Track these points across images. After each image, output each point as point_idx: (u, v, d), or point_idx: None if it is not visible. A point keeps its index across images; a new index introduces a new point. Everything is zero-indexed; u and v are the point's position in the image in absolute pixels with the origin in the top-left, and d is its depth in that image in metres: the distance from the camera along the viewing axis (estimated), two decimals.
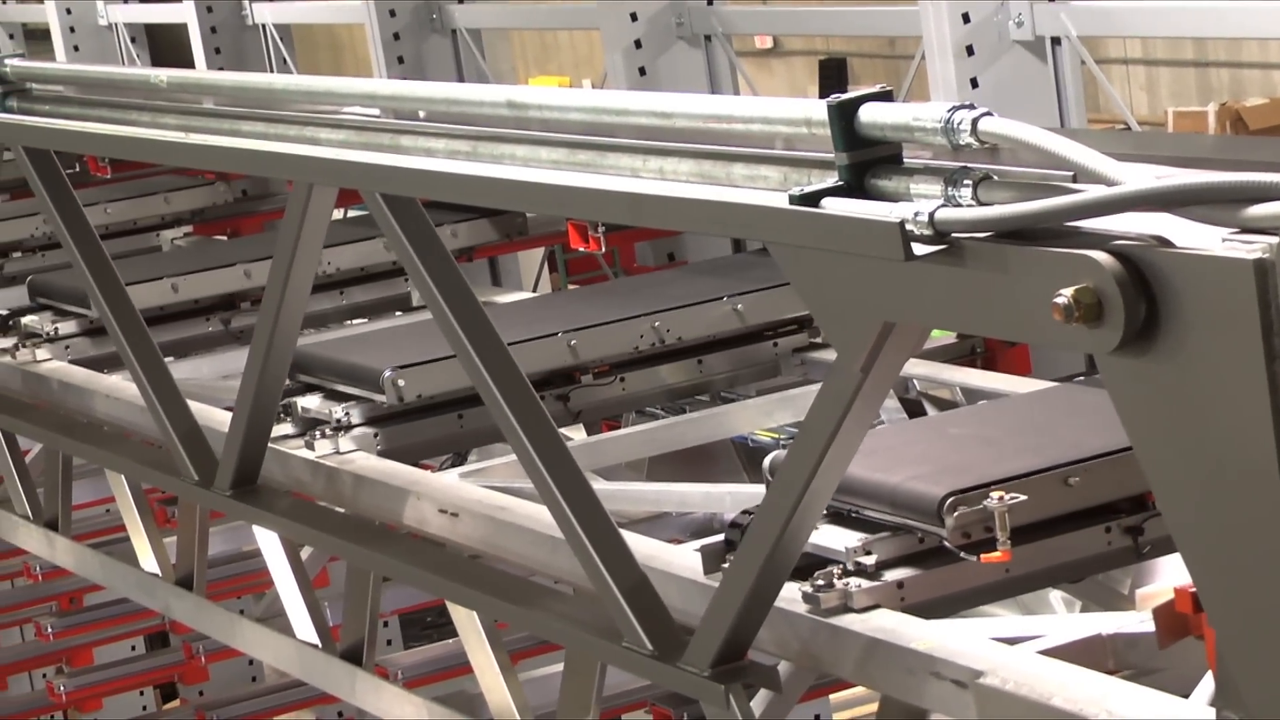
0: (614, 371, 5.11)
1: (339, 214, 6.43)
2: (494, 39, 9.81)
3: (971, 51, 6.57)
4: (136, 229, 7.67)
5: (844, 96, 3.03)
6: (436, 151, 4.05)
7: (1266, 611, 2.54)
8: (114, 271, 5.21)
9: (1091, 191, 2.69)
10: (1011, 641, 3.36)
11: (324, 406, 4.91)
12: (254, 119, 4.71)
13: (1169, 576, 3.54)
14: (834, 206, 2.99)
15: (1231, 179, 2.54)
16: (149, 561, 5.68)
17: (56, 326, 6.08)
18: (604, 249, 6.57)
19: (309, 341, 5.40)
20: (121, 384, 5.71)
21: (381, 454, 4.84)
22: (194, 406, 5.12)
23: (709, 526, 4.39)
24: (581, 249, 6.73)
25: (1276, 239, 2.47)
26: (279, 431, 4.92)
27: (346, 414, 4.86)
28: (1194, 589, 2.95)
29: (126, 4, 12.08)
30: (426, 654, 5.64)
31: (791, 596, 3.50)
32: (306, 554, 5.16)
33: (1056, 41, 6.65)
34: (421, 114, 4.26)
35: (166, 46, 12.56)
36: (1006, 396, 4.64)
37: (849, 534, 3.55)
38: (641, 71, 8.06)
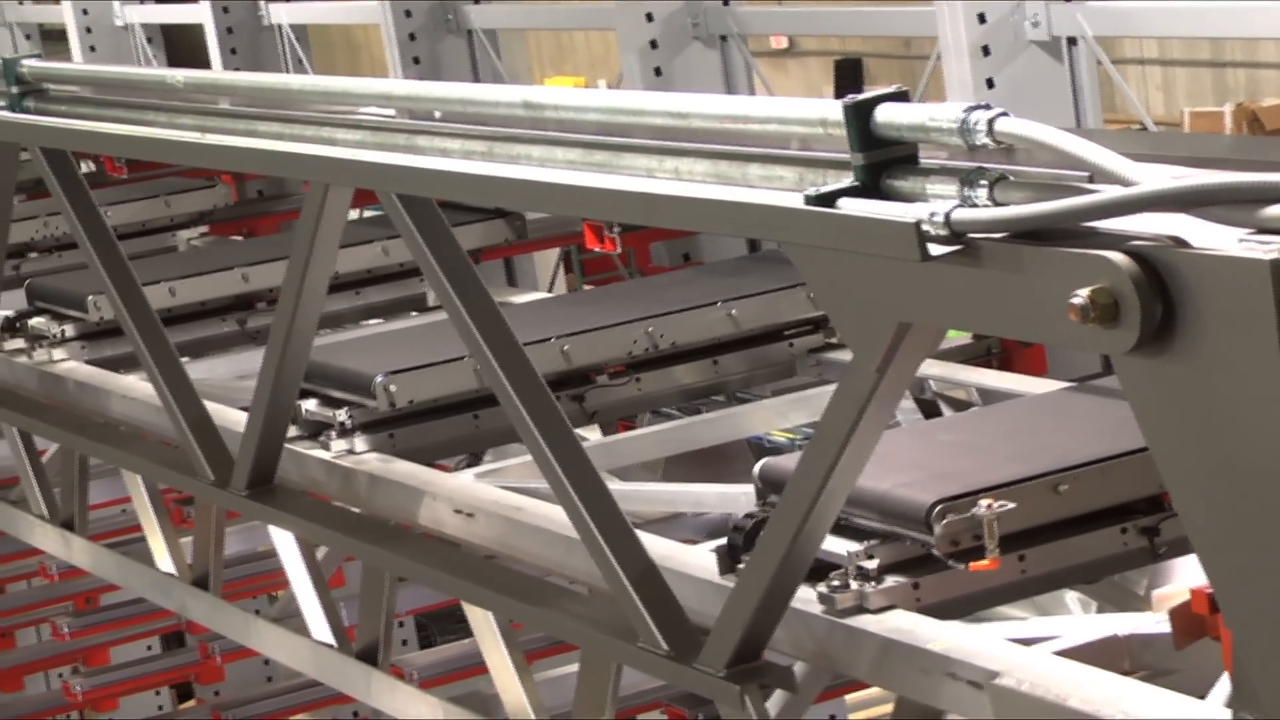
0: (629, 372, 5.11)
1: (354, 214, 6.43)
2: (509, 39, 9.82)
3: (987, 52, 6.56)
4: (144, 230, 7.67)
5: (860, 97, 3.03)
6: (452, 152, 4.06)
7: None
8: (130, 272, 5.22)
9: (1108, 192, 2.69)
10: (1027, 642, 3.36)
11: (324, 410, 4.91)
12: (270, 119, 4.72)
13: (1185, 577, 3.53)
14: (850, 207, 2.99)
15: (1248, 179, 2.54)
16: (165, 561, 5.68)
17: (64, 329, 6.09)
18: (619, 249, 6.58)
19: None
20: (138, 384, 5.72)
21: (396, 454, 4.85)
22: (210, 407, 5.13)
23: (724, 527, 4.38)
24: (597, 249, 6.73)
25: None
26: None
27: (351, 417, 4.85)
28: (1210, 590, 2.95)
29: (143, 4, 12.10)
30: (442, 654, 5.64)
31: (806, 597, 3.50)
32: (322, 554, 5.17)
33: (1073, 41, 6.64)
34: (437, 114, 4.27)
35: (183, 47, 12.58)
36: (999, 402, 4.65)
37: (844, 540, 3.53)
38: (657, 72, 8.06)
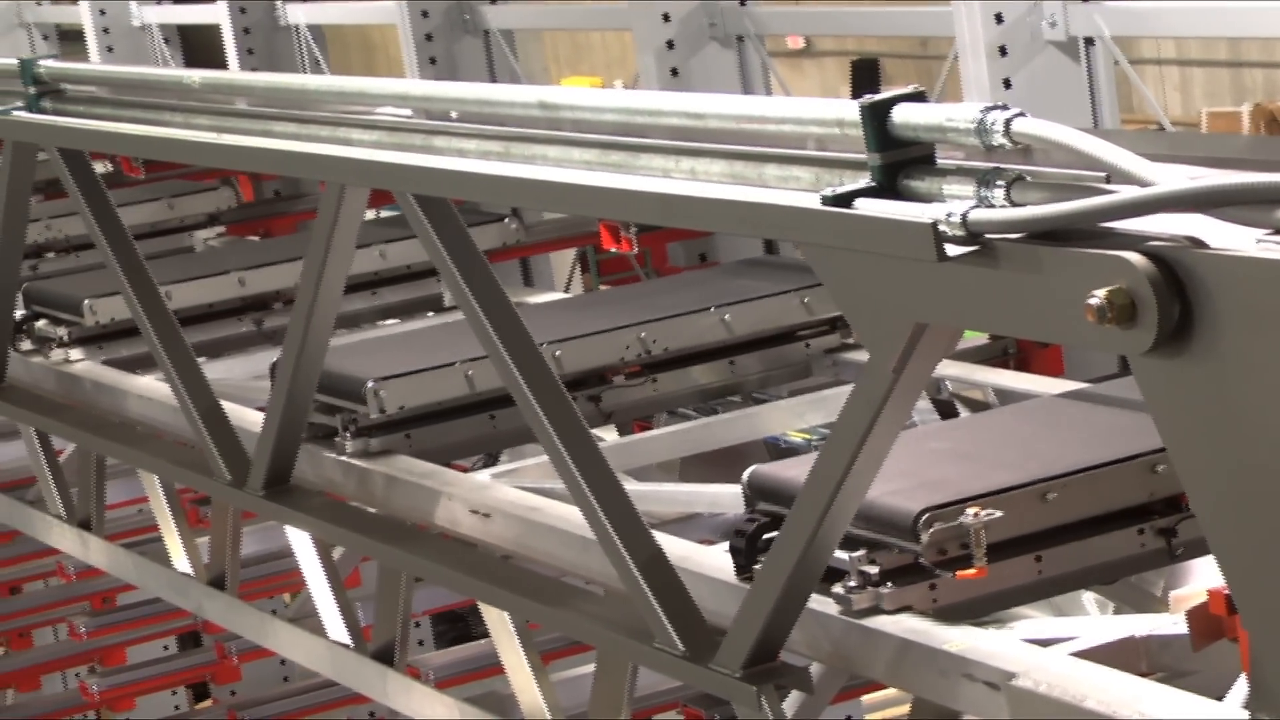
0: (645, 372, 5.11)
1: (371, 214, 6.44)
2: (526, 39, 9.82)
3: (1005, 52, 6.56)
4: (156, 231, 7.68)
5: (877, 97, 3.03)
6: (469, 152, 4.06)
7: None
8: (146, 272, 5.23)
9: (1125, 192, 2.68)
10: (1044, 643, 3.36)
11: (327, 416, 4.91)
12: (286, 120, 4.72)
13: (1202, 578, 3.53)
14: (866, 207, 2.99)
15: (1266, 179, 2.53)
16: (182, 561, 5.69)
17: (70, 332, 6.09)
18: (636, 250, 6.57)
19: None
20: (154, 384, 5.73)
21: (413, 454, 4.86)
22: (226, 407, 5.13)
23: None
24: (613, 250, 6.73)
25: None
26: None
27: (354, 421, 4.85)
28: (1227, 591, 2.94)
29: (160, 5, 12.11)
30: (458, 654, 5.63)
31: (822, 598, 3.49)
32: (338, 554, 5.17)
33: (1090, 42, 6.63)
34: (454, 114, 4.27)
35: (199, 47, 12.59)
36: (989, 410, 4.64)
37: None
38: (674, 72, 8.06)
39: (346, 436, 4.85)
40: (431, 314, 6.47)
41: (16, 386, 6.19)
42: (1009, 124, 2.85)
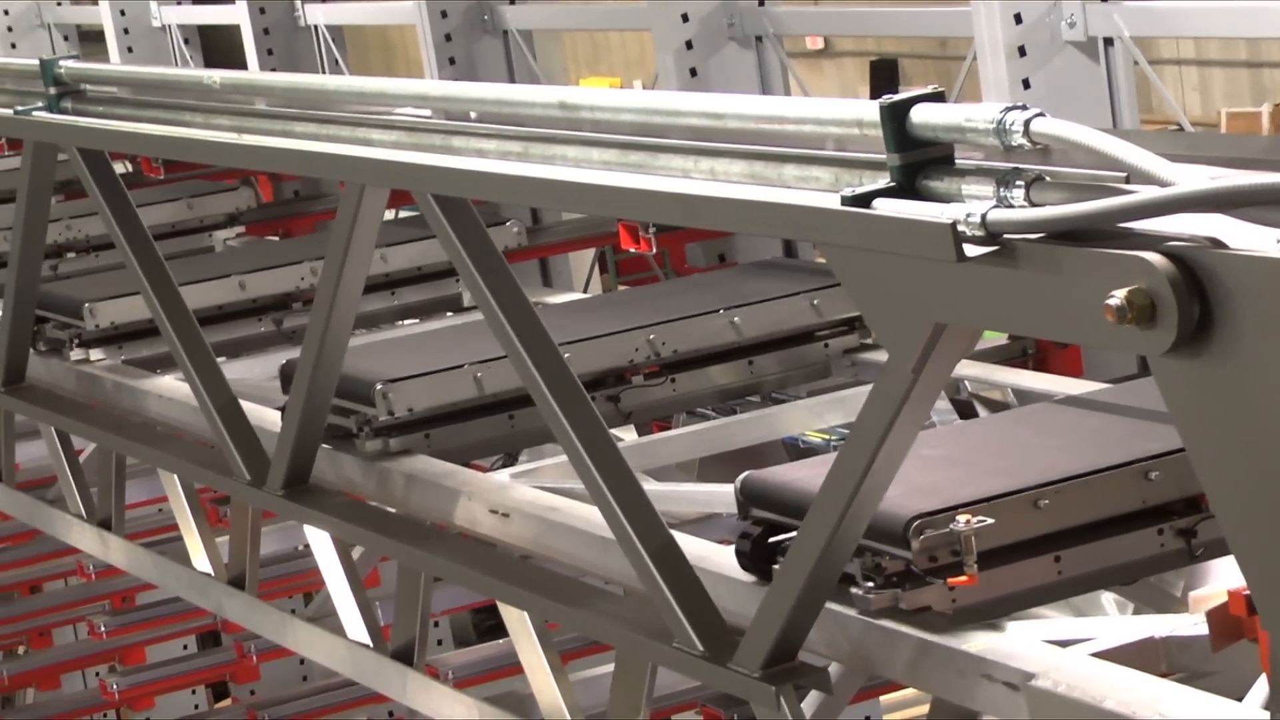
0: (664, 372, 5.11)
1: (390, 214, 6.44)
2: (545, 40, 9.82)
3: (1024, 52, 6.55)
4: (175, 232, 7.69)
5: (896, 97, 3.03)
6: (488, 152, 4.06)
7: None
8: (167, 272, 5.24)
9: (1144, 192, 2.68)
10: (1064, 644, 3.35)
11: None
12: (306, 120, 4.72)
13: (1222, 579, 3.52)
14: (886, 207, 2.99)
15: None
16: (201, 561, 5.70)
17: (79, 335, 6.10)
18: (655, 250, 6.56)
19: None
20: (174, 384, 5.74)
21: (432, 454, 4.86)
22: (246, 407, 5.14)
23: None
24: (632, 250, 6.72)
25: None
26: None
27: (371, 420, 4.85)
28: (1247, 592, 2.94)
29: (180, 5, 12.13)
30: (477, 654, 5.64)
31: (841, 598, 3.49)
32: (358, 554, 5.18)
33: (1109, 42, 6.62)
34: (473, 115, 4.27)
35: (219, 48, 12.61)
36: (985, 416, 4.63)
37: None
38: (693, 72, 8.06)
39: (365, 437, 4.85)
40: (450, 314, 6.48)
41: (37, 386, 6.20)
42: (1028, 124, 2.85)
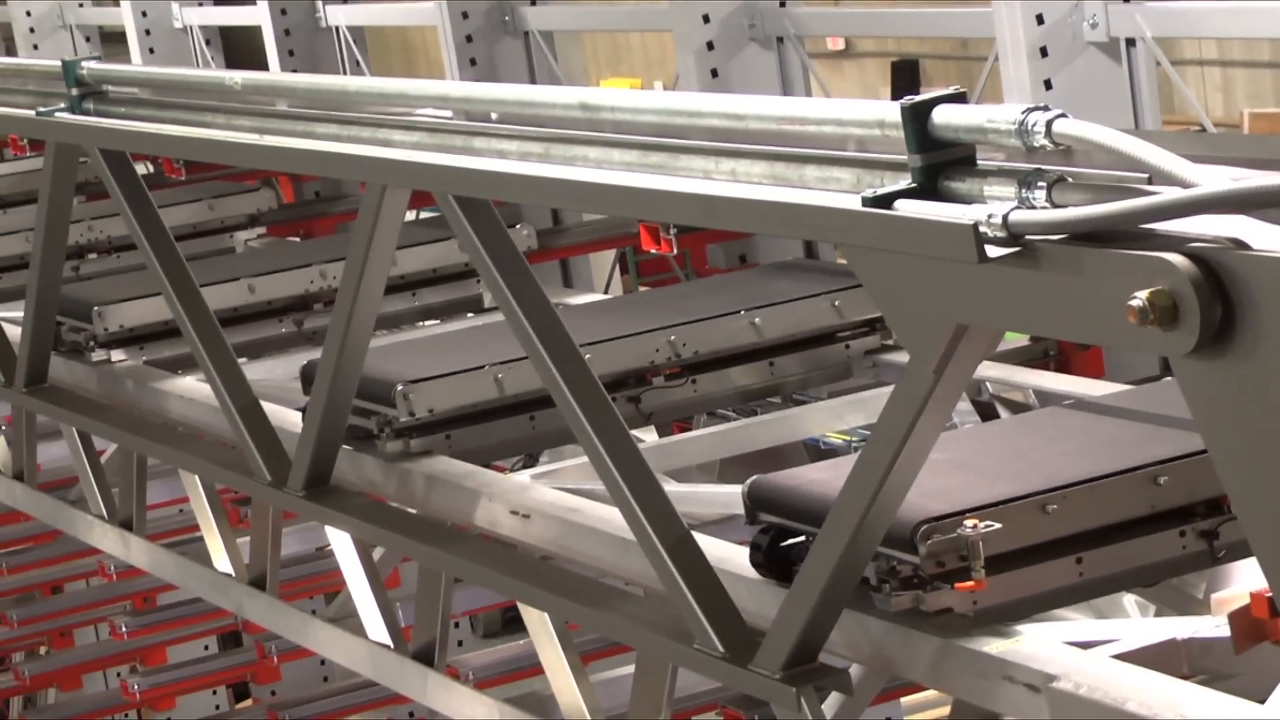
0: (685, 373, 5.11)
1: (411, 215, 6.44)
2: (566, 41, 9.83)
3: (1045, 53, 6.54)
4: (197, 232, 7.70)
5: (917, 98, 3.03)
6: (509, 153, 4.06)
7: None
8: (188, 273, 5.24)
9: (1167, 193, 2.68)
10: (1085, 646, 3.35)
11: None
12: (327, 121, 4.73)
13: (1245, 581, 3.51)
14: (907, 208, 2.99)
15: None
16: (222, 561, 5.70)
17: (93, 338, 6.11)
18: (675, 251, 6.56)
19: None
20: (195, 385, 5.74)
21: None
22: (267, 407, 5.15)
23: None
24: (653, 251, 6.72)
25: None
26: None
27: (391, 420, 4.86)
28: (1270, 594, 2.93)
29: (201, 7, 12.15)
30: (498, 655, 5.65)
31: (862, 599, 3.49)
32: (378, 555, 5.18)
33: (1131, 43, 6.62)
34: (494, 116, 4.27)
35: (240, 49, 12.63)
36: (994, 420, 4.62)
37: None
38: (714, 73, 8.06)
39: (385, 438, 4.86)
40: (471, 315, 6.48)
41: (59, 387, 6.21)
42: (1050, 125, 2.85)
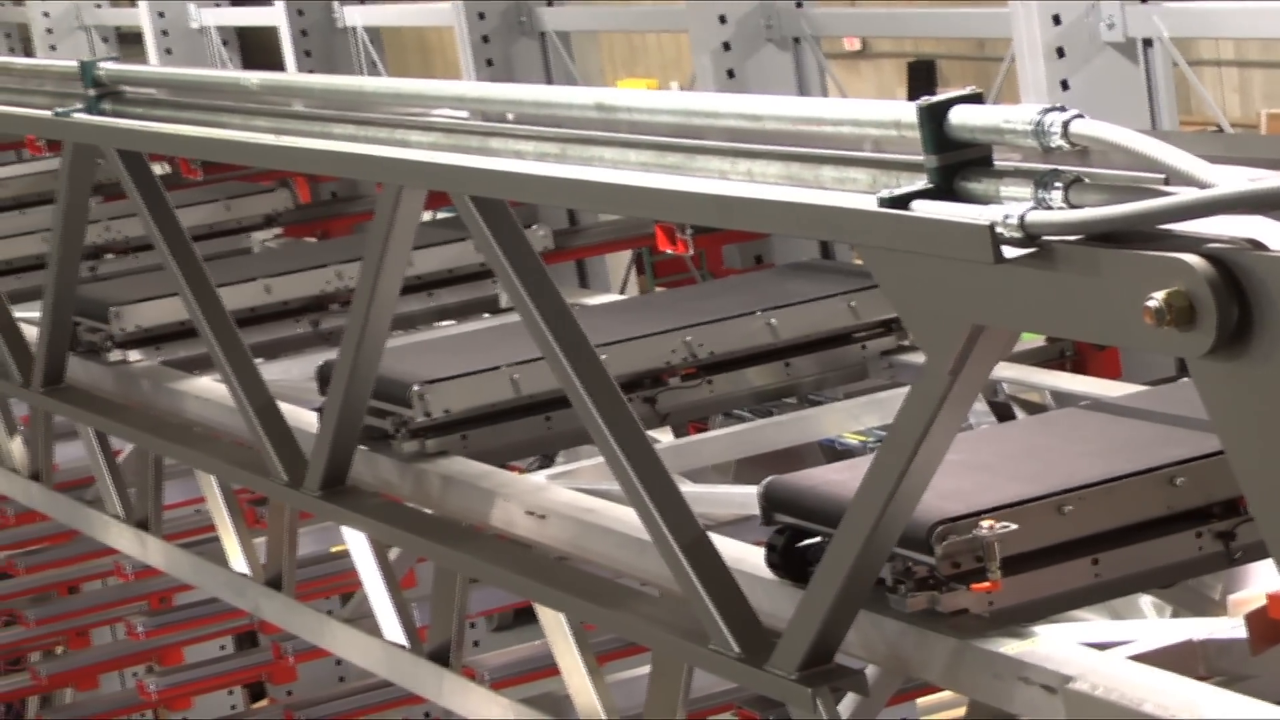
0: (701, 374, 5.11)
1: (427, 216, 6.45)
2: (582, 41, 9.83)
3: (1062, 53, 6.53)
4: (214, 233, 7.71)
5: (934, 99, 3.03)
6: (525, 154, 4.06)
7: None
8: (205, 273, 5.25)
9: (1184, 194, 2.67)
10: (1101, 647, 3.34)
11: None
12: (344, 121, 4.73)
13: (1262, 582, 3.51)
14: (923, 209, 2.99)
15: None
16: (239, 561, 5.71)
17: (110, 339, 6.12)
18: (691, 251, 6.56)
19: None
20: (212, 385, 5.75)
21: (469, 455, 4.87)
22: (283, 408, 5.15)
23: None
24: (669, 251, 6.72)
25: None
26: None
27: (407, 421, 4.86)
28: None
29: (218, 7, 12.16)
30: (513, 655, 5.65)
31: (878, 600, 3.49)
32: (394, 555, 5.18)
33: (1148, 43, 6.61)
34: (510, 116, 4.27)
35: (257, 49, 12.64)
36: (1010, 421, 4.61)
37: None
38: (730, 74, 8.06)
39: (401, 438, 4.86)
40: (487, 315, 6.48)
41: (75, 387, 6.22)
42: (1067, 126, 2.85)
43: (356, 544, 5.11)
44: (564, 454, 5.34)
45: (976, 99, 3.03)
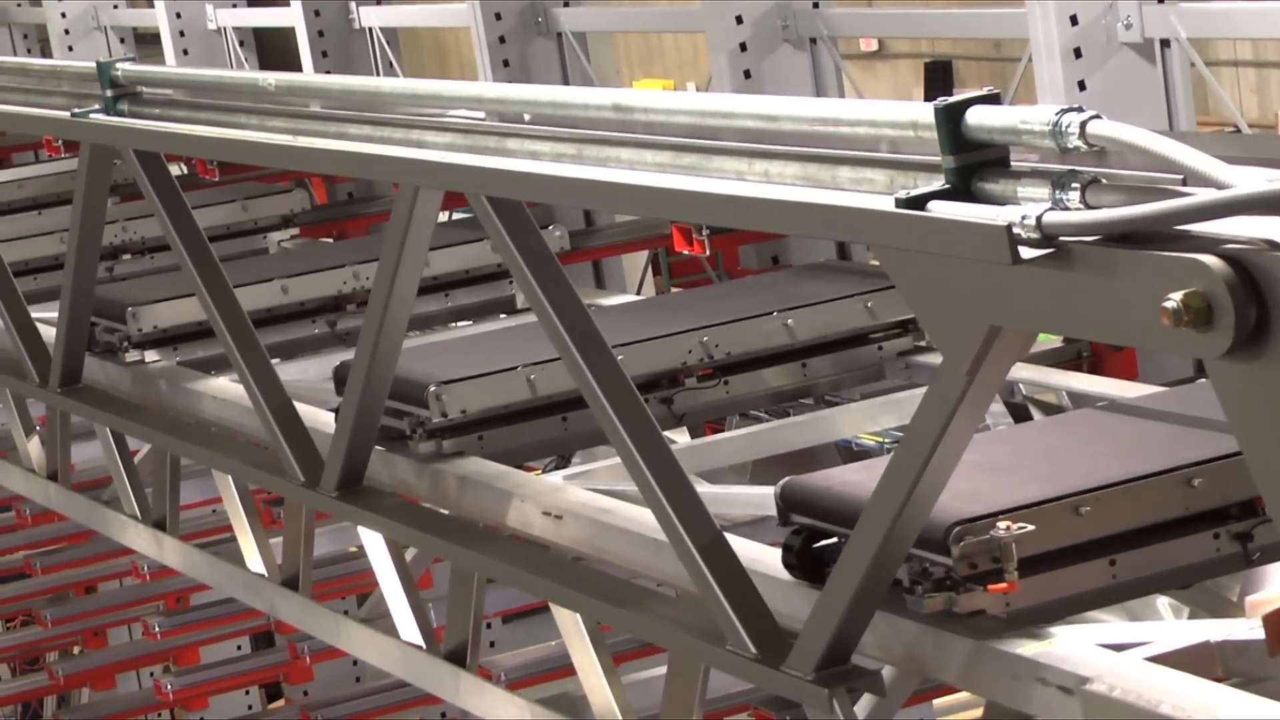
0: (717, 374, 5.11)
1: (443, 216, 6.45)
2: (599, 42, 9.83)
3: (1079, 54, 6.53)
4: (230, 233, 7.72)
5: (951, 99, 3.03)
6: (542, 154, 4.06)
7: None
8: (222, 273, 5.25)
9: (1201, 195, 2.67)
10: (1118, 648, 3.34)
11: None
12: (360, 122, 4.74)
13: (1279, 583, 3.50)
14: (940, 210, 2.98)
15: None
16: (255, 562, 5.71)
17: (127, 339, 6.13)
18: (708, 252, 6.56)
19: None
20: (229, 385, 5.76)
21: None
22: (300, 408, 5.16)
23: None
24: (686, 252, 6.72)
25: None
26: None
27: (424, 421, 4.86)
28: None
29: (235, 8, 12.18)
30: (530, 656, 5.66)
31: (895, 601, 3.48)
32: (411, 555, 5.19)
33: (1165, 43, 6.60)
34: (527, 117, 4.28)
35: (274, 50, 12.65)
36: (1027, 422, 4.60)
37: None
38: (746, 74, 8.05)
39: (418, 438, 4.86)
40: (504, 316, 6.48)
41: (93, 388, 6.23)
42: (1084, 126, 2.84)
43: (373, 544, 5.12)
44: (580, 454, 5.34)
45: (993, 99, 3.03)
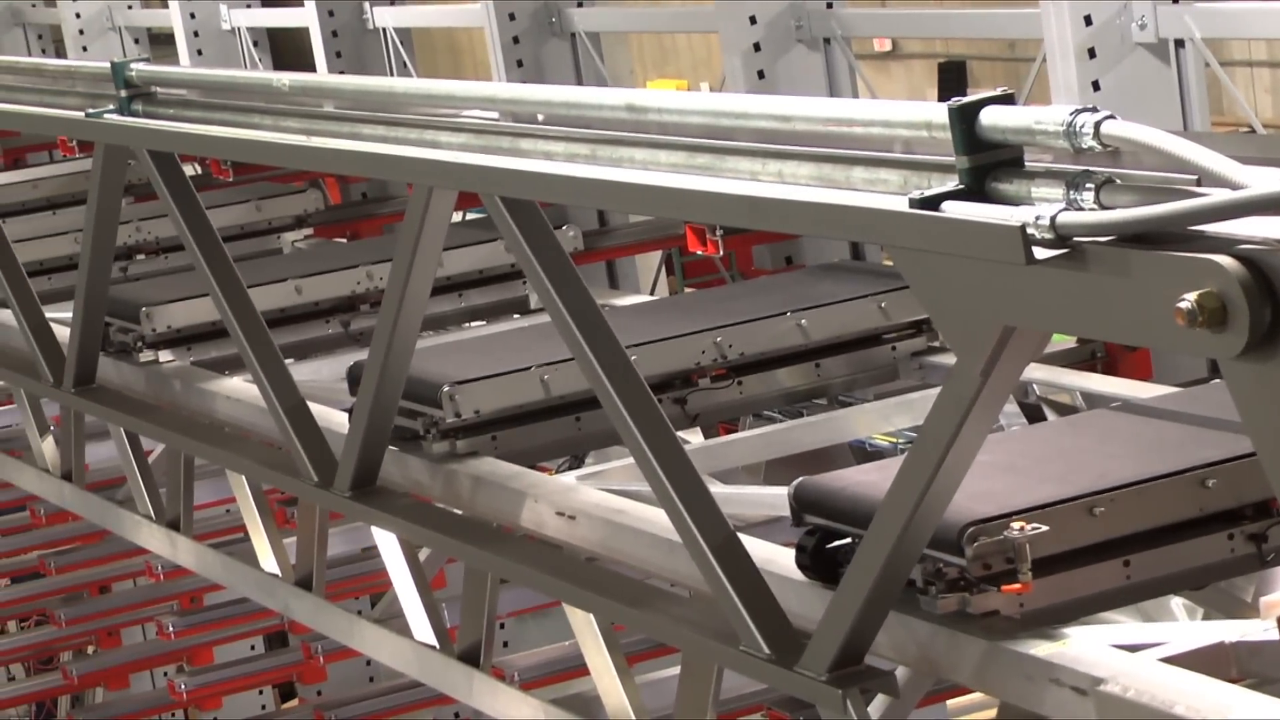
0: (731, 375, 5.11)
1: (457, 216, 6.45)
2: (612, 42, 9.83)
3: (1093, 54, 6.52)
4: (244, 234, 7.73)
5: (965, 100, 3.02)
6: (556, 155, 4.07)
7: None
8: (236, 273, 5.26)
9: (1216, 195, 2.67)
10: (1133, 649, 3.33)
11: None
12: (374, 122, 4.74)
13: None
14: (954, 210, 2.98)
15: None
16: (269, 562, 5.72)
17: (140, 339, 6.13)
18: (721, 252, 6.55)
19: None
20: (242, 386, 5.76)
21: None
22: (314, 408, 5.16)
23: None
24: (699, 252, 6.72)
25: None
26: None
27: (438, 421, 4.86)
28: None
29: (249, 9, 12.19)
30: (543, 656, 5.65)
31: (908, 601, 3.48)
32: (424, 555, 5.19)
33: (1180, 44, 6.59)
34: (540, 117, 4.28)
35: (288, 50, 12.66)
36: (1041, 422, 4.60)
37: None
38: (760, 74, 8.05)
39: (432, 439, 4.87)
40: (517, 316, 6.48)
41: (107, 388, 6.24)
42: (1098, 126, 2.84)
43: (386, 544, 5.12)
44: (594, 455, 5.34)
45: (1008, 100, 3.03)
